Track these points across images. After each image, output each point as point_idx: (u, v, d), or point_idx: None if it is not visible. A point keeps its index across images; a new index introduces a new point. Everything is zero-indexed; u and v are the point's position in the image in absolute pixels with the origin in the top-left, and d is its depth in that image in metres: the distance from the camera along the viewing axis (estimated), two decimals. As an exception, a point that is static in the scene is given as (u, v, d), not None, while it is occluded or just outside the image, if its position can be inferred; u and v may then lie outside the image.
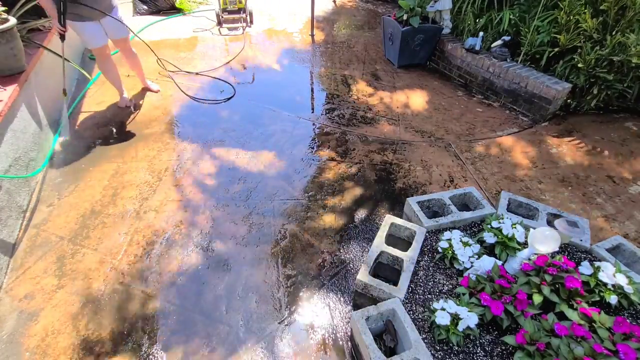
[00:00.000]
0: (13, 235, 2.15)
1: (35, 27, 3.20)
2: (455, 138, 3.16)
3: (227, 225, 2.33)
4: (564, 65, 3.26)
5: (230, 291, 1.96)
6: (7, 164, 2.22)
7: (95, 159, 2.78)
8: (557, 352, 1.34)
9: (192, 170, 2.72)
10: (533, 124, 3.35)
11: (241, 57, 4.35)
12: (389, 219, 2.00)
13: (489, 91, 3.73)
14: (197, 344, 1.74)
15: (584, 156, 2.94)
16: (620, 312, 1.61)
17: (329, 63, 4.35)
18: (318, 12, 5.72)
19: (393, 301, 1.60)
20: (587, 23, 2.98)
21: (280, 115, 3.40)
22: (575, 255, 1.89)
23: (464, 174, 2.77)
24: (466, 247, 1.82)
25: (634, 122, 3.27)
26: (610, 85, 3.13)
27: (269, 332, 1.79)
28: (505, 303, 1.52)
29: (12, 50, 2.54)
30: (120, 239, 2.21)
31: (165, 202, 2.45)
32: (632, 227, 2.35)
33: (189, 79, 3.87)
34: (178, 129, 3.15)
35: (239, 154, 2.90)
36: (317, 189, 2.60)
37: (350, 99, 3.66)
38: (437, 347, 1.49)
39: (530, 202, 2.14)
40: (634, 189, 2.63)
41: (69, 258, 2.09)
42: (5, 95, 2.37)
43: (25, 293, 1.91)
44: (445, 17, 4.12)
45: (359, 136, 3.14)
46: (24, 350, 1.69)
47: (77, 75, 3.77)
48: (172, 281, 2.00)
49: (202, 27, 5.09)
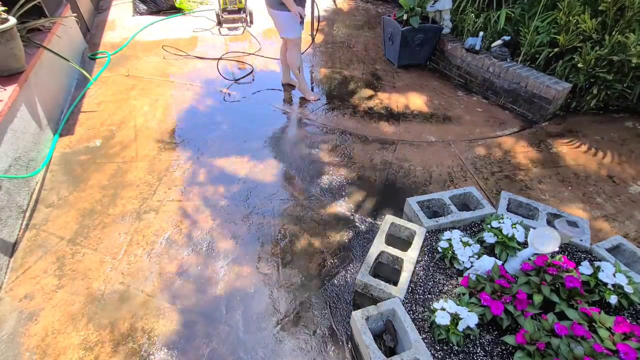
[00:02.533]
0: (13, 235, 2.15)
1: (35, 27, 3.20)
2: (455, 138, 3.16)
3: (227, 225, 2.33)
4: (563, 65, 3.27)
5: (230, 291, 1.96)
6: (7, 164, 2.22)
7: (95, 159, 2.78)
8: (557, 352, 1.34)
9: (192, 170, 2.72)
10: (533, 124, 3.35)
11: (241, 57, 4.35)
12: (389, 219, 2.00)
13: (489, 91, 3.73)
14: (197, 343, 1.74)
15: (584, 156, 2.94)
16: (620, 312, 1.61)
17: (329, 63, 4.35)
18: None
19: (393, 301, 1.60)
20: (587, 23, 2.98)
21: (280, 115, 3.40)
22: (575, 255, 1.89)
23: (464, 174, 2.77)
24: (466, 247, 1.82)
25: (634, 122, 3.27)
26: (610, 85, 3.13)
27: (269, 332, 1.79)
28: (505, 303, 1.52)
29: (12, 50, 2.54)
30: (120, 239, 2.21)
31: (165, 202, 2.45)
32: (632, 227, 2.35)
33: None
34: (178, 128, 3.15)
35: (239, 153, 2.90)
36: (316, 189, 2.60)
37: (350, 99, 3.66)
38: (437, 347, 1.49)
39: (530, 202, 2.15)
40: (634, 189, 2.63)
41: (69, 258, 2.09)
42: (5, 95, 2.37)
43: (25, 293, 1.91)
44: (445, 17, 4.12)
45: (359, 136, 3.14)
46: (24, 350, 1.69)
47: (77, 75, 3.77)
48: (172, 281, 2.00)
49: (202, 27, 5.09)
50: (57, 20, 3.48)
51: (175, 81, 3.83)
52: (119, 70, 3.97)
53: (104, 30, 4.89)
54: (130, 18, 5.27)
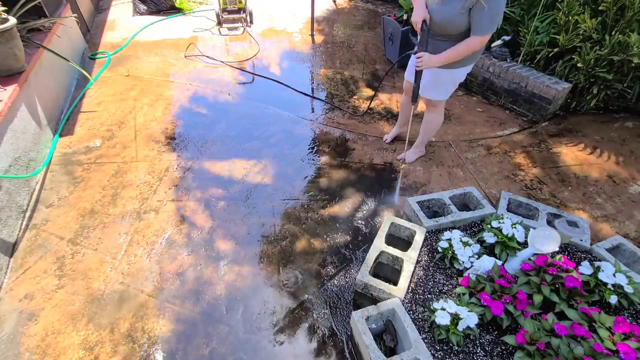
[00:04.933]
0: (13, 235, 2.15)
1: (35, 27, 3.20)
2: (455, 138, 3.16)
3: (227, 225, 2.33)
4: (563, 65, 3.26)
5: (230, 291, 1.96)
6: (7, 164, 2.22)
7: (95, 159, 2.78)
8: (557, 352, 1.34)
9: (192, 170, 2.72)
10: (533, 124, 3.35)
11: (241, 57, 4.35)
12: (389, 219, 2.00)
13: (488, 91, 3.73)
14: (197, 343, 1.74)
15: (584, 156, 2.94)
16: (620, 312, 1.61)
17: (329, 63, 4.35)
18: (318, 12, 5.72)
19: (393, 301, 1.60)
20: (586, 23, 2.98)
21: (280, 115, 3.40)
22: (575, 255, 1.89)
23: (464, 174, 2.77)
24: (466, 247, 1.82)
25: (634, 122, 3.27)
26: (610, 85, 3.13)
27: (269, 332, 1.79)
28: (505, 303, 1.52)
29: (12, 50, 2.54)
30: (120, 239, 2.21)
31: (165, 202, 2.45)
32: (632, 227, 2.35)
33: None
34: (178, 129, 3.15)
35: (239, 154, 2.90)
36: (317, 189, 2.60)
37: (350, 99, 3.66)
38: (437, 347, 1.49)
39: (530, 202, 2.15)
40: (634, 189, 2.63)
41: (69, 258, 2.09)
42: (5, 95, 2.37)
43: (25, 293, 1.91)
44: (445, 17, 4.11)
45: (359, 136, 3.14)
46: (24, 350, 1.69)
47: (77, 75, 3.77)
48: (172, 281, 2.00)
49: (202, 27, 5.08)
50: (57, 20, 3.47)
51: (175, 81, 3.83)
52: (119, 70, 3.97)
53: (104, 30, 4.89)
54: (130, 18, 5.26)
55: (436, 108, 2.49)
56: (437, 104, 2.46)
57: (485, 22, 1.91)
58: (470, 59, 2.18)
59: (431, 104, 2.47)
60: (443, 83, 2.32)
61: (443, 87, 2.34)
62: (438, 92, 2.37)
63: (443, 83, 2.32)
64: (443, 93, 2.38)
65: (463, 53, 2.05)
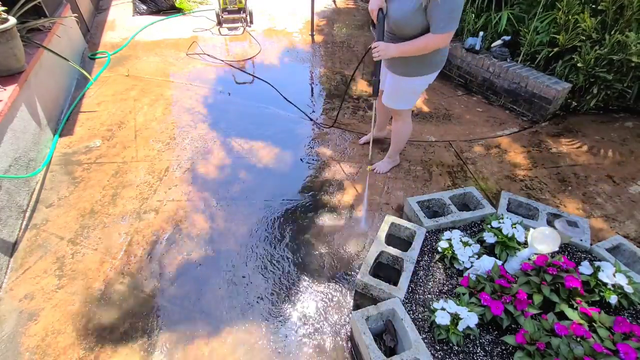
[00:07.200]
0: (13, 235, 2.15)
1: (35, 27, 3.20)
2: (455, 138, 3.16)
3: (227, 225, 2.33)
4: (563, 64, 3.26)
5: (230, 291, 1.96)
6: (7, 164, 2.22)
7: (95, 159, 2.78)
8: (557, 352, 1.34)
9: (192, 171, 2.72)
10: (533, 124, 3.35)
11: (240, 57, 4.35)
12: (389, 219, 2.00)
13: (489, 91, 3.73)
14: (198, 343, 1.74)
15: (584, 156, 2.94)
16: (620, 312, 1.61)
17: (329, 63, 4.35)
18: (318, 12, 5.72)
19: (393, 301, 1.60)
20: (586, 23, 2.98)
21: (280, 115, 3.39)
22: (575, 255, 1.89)
23: (464, 174, 2.77)
24: (466, 247, 1.82)
25: (633, 122, 3.27)
26: (609, 85, 3.13)
27: (269, 332, 1.79)
28: (505, 303, 1.52)
29: (12, 50, 2.54)
30: (120, 239, 2.21)
31: (165, 202, 2.45)
32: (632, 227, 2.35)
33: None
34: (178, 129, 3.15)
35: (239, 154, 2.90)
36: (317, 189, 2.60)
37: (350, 99, 3.66)
38: (437, 347, 1.49)
39: (530, 202, 2.15)
40: (634, 189, 2.63)
41: (69, 258, 2.09)
42: (5, 95, 2.37)
43: (25, 293, 1.91)
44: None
45: (359, 136, 3.14)
46: (24, 350, 1.69)
47: (77, 75, 3.77)
48: (172, 281, 2.00)
49: (202, 27, 5.08)
50: (57, 20, 3.47)
51: (175, 81, 3.83)
52: (119, 70, 3.97)
53: (104, 30, 4.89)
54: (130, 18, 5.27)
55: (401, 117, 2.44)
56: (401, 113, 2.40)
57: (441, 19, 1.80)
58: (430, 67, 2.10)
59: (396, 113, 2.42)
60: (403, 92, 2.27)
61: (403, 96, 2.29)
62: (399, 102, 2.32)
63: (403, 92, 2.27)
64: (404, 102, 2.32)
65: (420, 49, 1.93)
